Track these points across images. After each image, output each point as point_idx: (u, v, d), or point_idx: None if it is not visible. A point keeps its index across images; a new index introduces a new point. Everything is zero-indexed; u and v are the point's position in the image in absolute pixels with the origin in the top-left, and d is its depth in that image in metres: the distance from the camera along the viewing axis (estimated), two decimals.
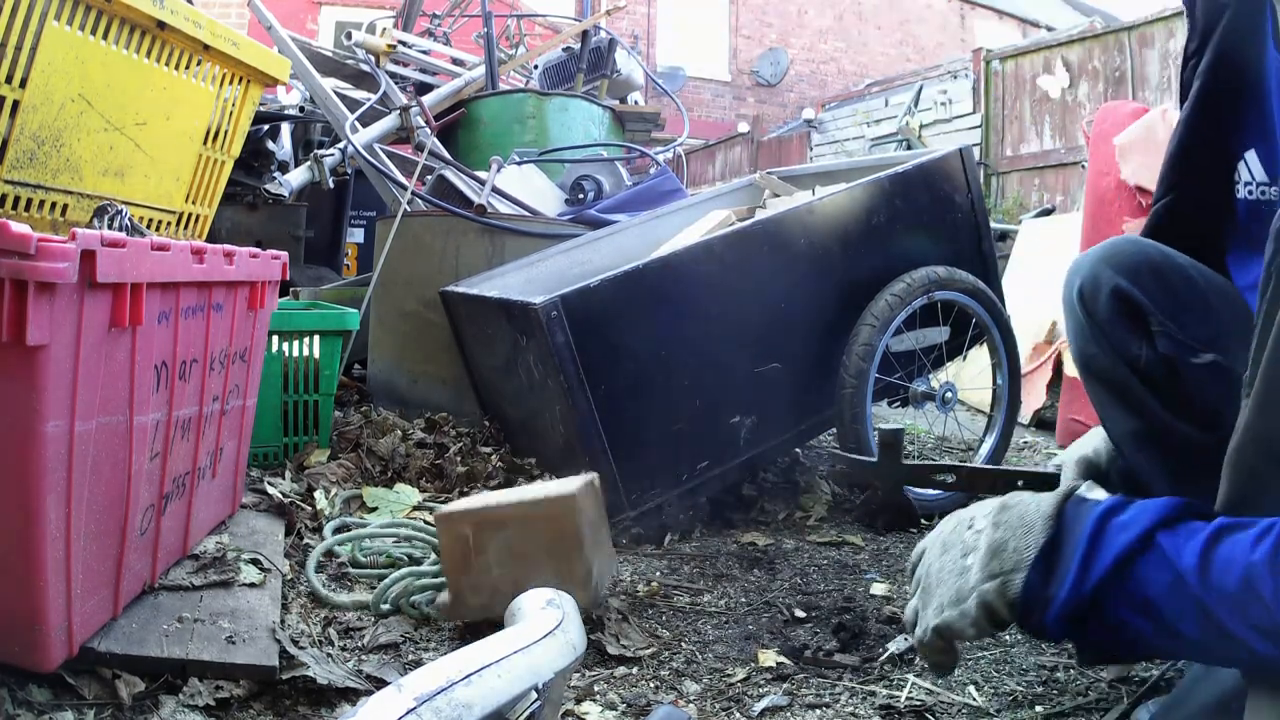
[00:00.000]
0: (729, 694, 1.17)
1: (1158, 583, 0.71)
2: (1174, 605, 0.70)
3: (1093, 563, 0.73)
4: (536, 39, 5.34)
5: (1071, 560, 0.74)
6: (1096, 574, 0.73)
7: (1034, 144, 7.55)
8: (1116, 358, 1.17)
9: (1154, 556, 0.71)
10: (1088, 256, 1.24)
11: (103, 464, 1.00)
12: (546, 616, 0.99)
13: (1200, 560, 0.69)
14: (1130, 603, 0.72)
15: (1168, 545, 0.71)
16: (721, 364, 1.85)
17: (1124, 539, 0.72)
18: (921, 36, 16.97)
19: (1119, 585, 0.72)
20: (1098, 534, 0.74)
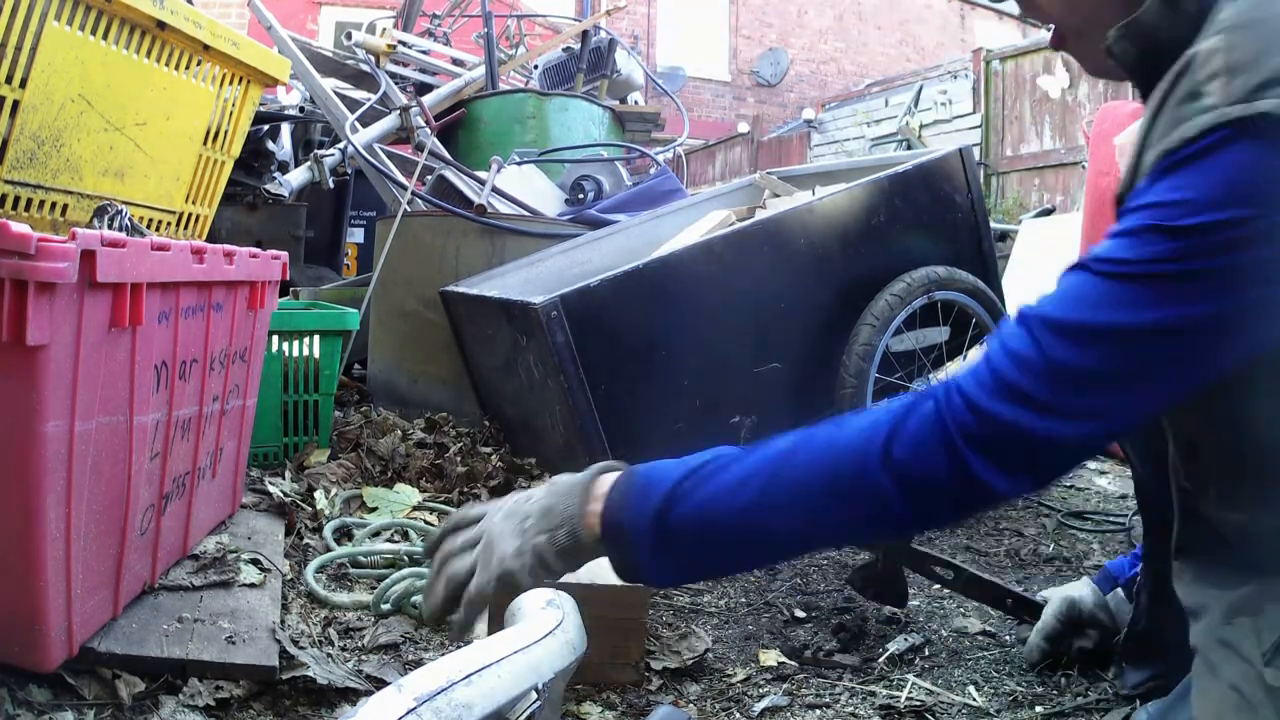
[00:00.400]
0: (729, 694, 1.17)
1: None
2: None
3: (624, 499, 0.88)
4: (536, 39, 5.34)
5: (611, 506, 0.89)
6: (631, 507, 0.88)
7: (1034, 144, 7.55)
8: None
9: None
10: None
11: (103, 464, 1.00)
12: (546, 616, 0.99)
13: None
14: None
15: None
16: (721, 364, 1.85)
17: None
18: (921, 36, 16.97)
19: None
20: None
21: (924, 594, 1.55)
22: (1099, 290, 0.71)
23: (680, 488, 0.87)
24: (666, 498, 0.86)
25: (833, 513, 0.80)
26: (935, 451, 0.73)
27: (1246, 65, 0.67)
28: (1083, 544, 1.90)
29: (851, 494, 0.78)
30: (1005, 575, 1.69)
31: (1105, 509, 2.21)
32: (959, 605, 1.51)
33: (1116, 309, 0.70)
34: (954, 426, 0.72)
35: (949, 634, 1.39)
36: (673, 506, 0.86)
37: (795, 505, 0.81)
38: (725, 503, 0.85)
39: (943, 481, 0.73)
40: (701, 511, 0.86)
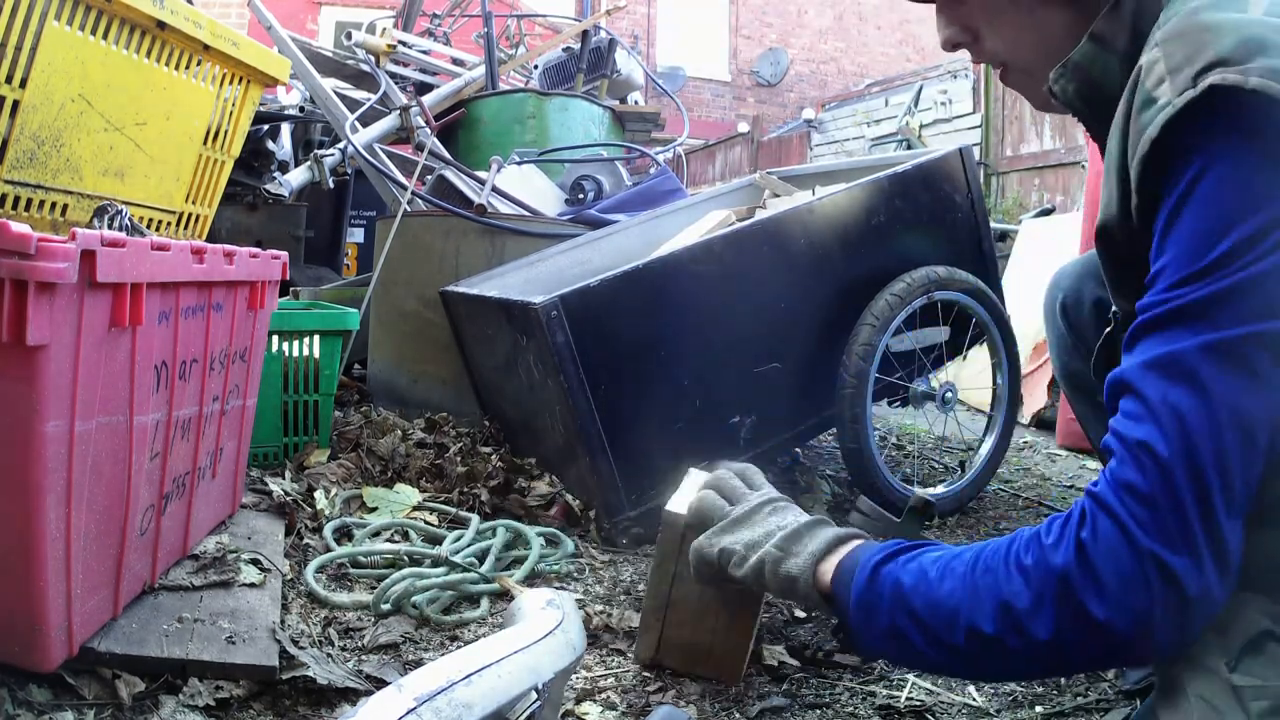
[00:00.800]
0: (729, 694, 1.17)
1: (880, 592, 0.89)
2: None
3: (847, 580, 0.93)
4: (536, 39, 5.34)
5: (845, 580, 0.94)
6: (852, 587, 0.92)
7: (1034, 144, 7.55)
8: (1101, 373, 1.16)
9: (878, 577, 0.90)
10: (1068, 270, 1.25)
11: (103, 464, 1.00)
12: (546, 616, 0.99)
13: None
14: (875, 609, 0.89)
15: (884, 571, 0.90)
16: (721, 364, 1.85)
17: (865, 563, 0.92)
18: (921, 36, 16.97)
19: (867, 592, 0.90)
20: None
21: None
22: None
23: (898, 556, 0.91)
24: (881, 559, 0.91)
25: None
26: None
27: (1185, 62, 0.73)
28: None
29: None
30: None
31: None
32: None
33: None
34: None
35: None
36: (881, 567, 0.90)
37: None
38: (925, 578, 0.87)
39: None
40: (901, 584, 0.89)
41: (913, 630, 0.85)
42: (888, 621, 0.87)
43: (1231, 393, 0.71)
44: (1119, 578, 0.72)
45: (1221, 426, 0.71)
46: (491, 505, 1.82)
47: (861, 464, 1.91)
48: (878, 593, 0.89)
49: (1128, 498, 0.73)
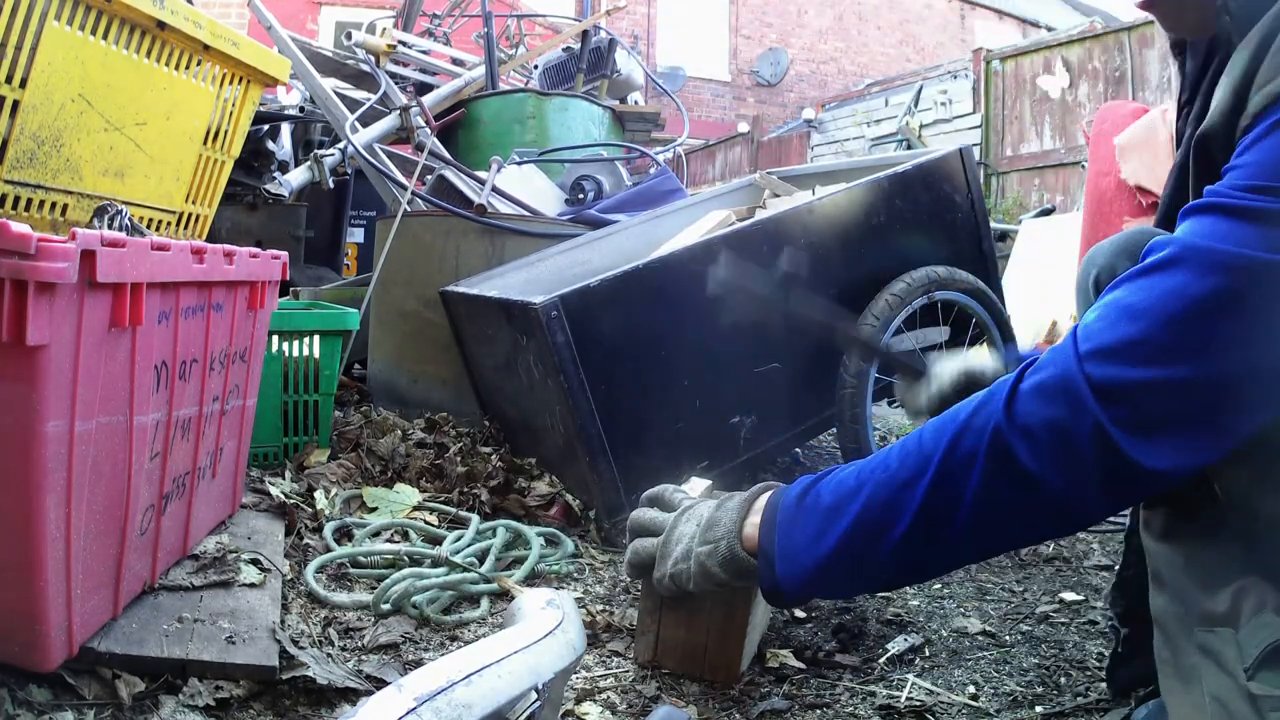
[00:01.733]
0: (729, 694, 1.17)
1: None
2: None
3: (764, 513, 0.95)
4: (536, 39, 5.34)
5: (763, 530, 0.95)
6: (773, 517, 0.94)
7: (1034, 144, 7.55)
8: None
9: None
10: (1104, 247, 1.22)
11: (103, 464, 1.00)
12: (546, 617, 0.99)
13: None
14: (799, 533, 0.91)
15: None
16: (721, 364, 1.85)
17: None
18: (921, 36, 16.98)
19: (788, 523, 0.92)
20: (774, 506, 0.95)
21: (924, 594, 1.55)
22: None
23: (821, 478, 0.91)
24: (806, 485, 0.91)
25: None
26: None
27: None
28: (1083, 544, 1.90)
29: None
30: (1005, 575, 1.69)
31: None
32: (959, 605, 1.51)
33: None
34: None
35: (949, 634, 1.39)
36: (808, 490, 0.90)
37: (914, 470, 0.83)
38: (854, 475, 0.88)
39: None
40: (830, 487, 0.89)
41: (859, 523, 0.83)
42: (829, 535, 0.85)
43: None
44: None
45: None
46: (491, 505, 1.82)
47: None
48: (806, 516, 0.88)
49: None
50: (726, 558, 0.97)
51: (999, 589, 1.61)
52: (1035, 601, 1.55)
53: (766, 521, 0.94)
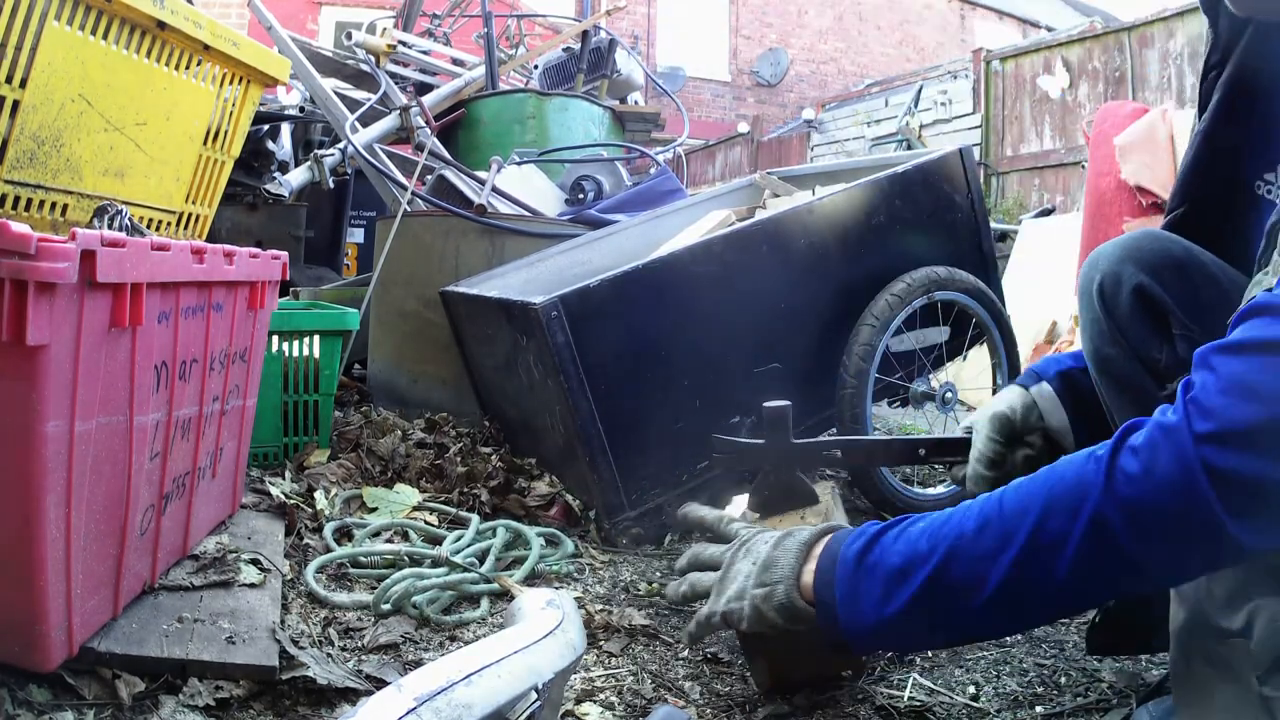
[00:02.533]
0: (730, 697, 1.17)
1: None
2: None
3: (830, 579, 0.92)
4: (536, 39, 5.34)
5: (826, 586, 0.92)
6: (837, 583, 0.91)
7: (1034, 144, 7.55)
8: (1135, 360, 1.14)
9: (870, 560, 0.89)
10: (1107, 251, 1.20)
11: (103, 464, 1.00)
12: (546, 616, 0.99)
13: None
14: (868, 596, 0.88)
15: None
16: (721, 364, 1.85)
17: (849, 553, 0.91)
18: (921, 36, 16.98)
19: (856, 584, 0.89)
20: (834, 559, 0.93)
21: None
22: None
23: (885, 533, 0.89)
24: (869, 539, 0.89)
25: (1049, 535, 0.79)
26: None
27: None
28: None
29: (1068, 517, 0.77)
30: None
31: None
32: None
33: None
34: None
35: None
36: (872, 546, 0.88)
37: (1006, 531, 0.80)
38: (926, 537, 0.86)
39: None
40: (899, 548, 0.87)
41: (931, 589, 0.82)
42: (896, 597, 0.84)
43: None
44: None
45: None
46: (491, 505, 1.82)
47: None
48: (870, 575, 0.87)
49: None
50: (783, 604, 0.94)
51: None
52: None
53: (823, 572, 0.92)
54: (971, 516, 0.83)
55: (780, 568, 0.96)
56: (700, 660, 1.27)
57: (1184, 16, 6.24)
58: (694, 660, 1.27)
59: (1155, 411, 0.77)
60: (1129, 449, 0.76)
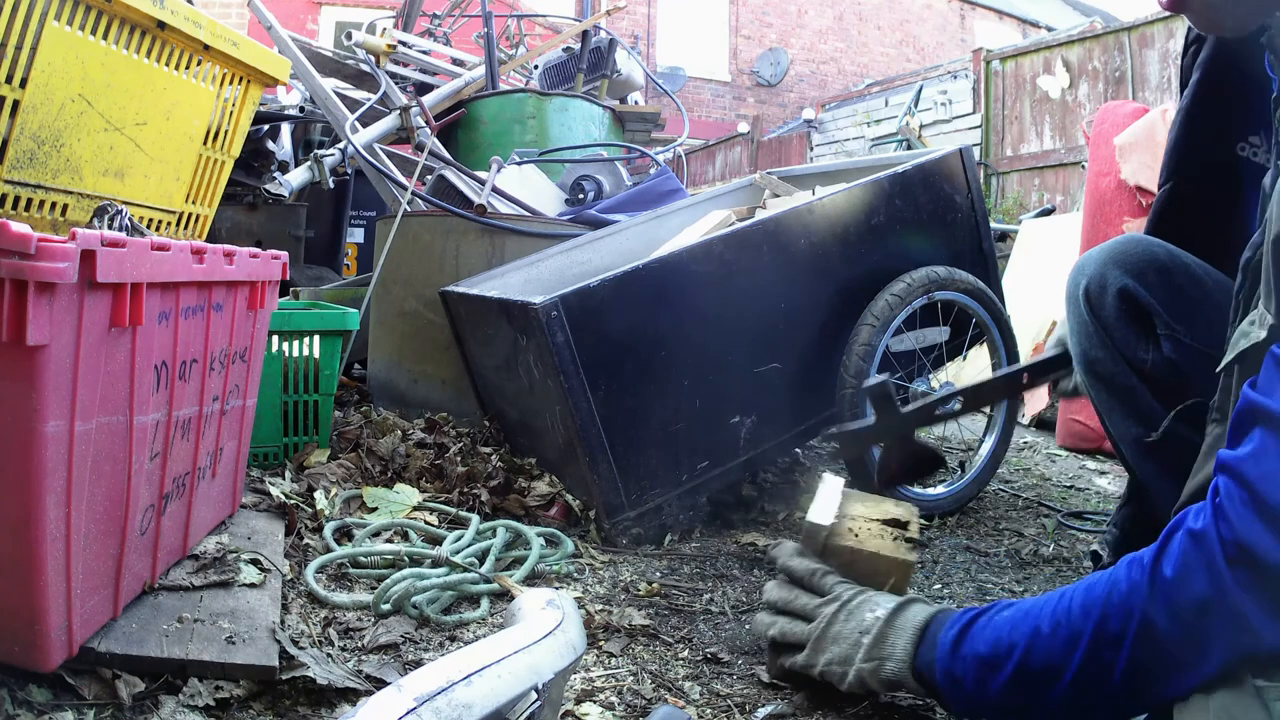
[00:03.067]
0: (730, 696, 1.17)
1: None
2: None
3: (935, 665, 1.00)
4: (536, 39, 5.34)
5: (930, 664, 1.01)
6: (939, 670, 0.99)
7: (1034, 144, 7.55)
8: (1122, 361, 1.15)
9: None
10: (1093, 256, 1.22)
11: (103, 464, 1.00)
12: (547, 617, 0.99)
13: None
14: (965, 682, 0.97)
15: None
16: (721, 364, 1.85)
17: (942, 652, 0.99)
18: (921, 36, 16.98)
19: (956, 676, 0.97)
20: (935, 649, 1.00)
21: (925, 594, 1.55)
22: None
23: (975, 621, 0.98)
24: (962, 628, 0.98)
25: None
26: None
27: None
28: (1083, 544, 1.90)
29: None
30: (1005, 575, 1.69)
31: (1105, 509, 2.21)
32: (959, 606, 1.50)
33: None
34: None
35: None
36: (962, 636, 0.97)
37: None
38: (1009, 629, 0.94)
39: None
40: (986, 632, 0.96)
41: (1021, 674, 0.90)
42: (990, 686, 0.93)
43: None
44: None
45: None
46: (491, 505, 1.82)
47: (862, 464, 1.91)
48: (964, 667, 0.95)
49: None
50: (889, 680, 1.03)
51: (999, 589, 1.61)
52: None
53: (926, 651, 1.01)
54: (1046, 617, 0.91)
55: (891, 646, 1.03)
56: (700, 660, 1.27)
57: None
58: (694, 660, 1.27)
59: (1189, 510, 0.84)
60: (1168, 553, 0.82)
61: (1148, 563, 0.84)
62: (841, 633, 1.08)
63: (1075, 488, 2.44)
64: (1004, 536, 1.94)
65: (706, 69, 15.39)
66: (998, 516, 2.08)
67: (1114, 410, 1.20)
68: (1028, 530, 1.98)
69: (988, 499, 2.22)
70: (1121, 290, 1.15)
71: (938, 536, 1.91)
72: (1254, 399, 0.79)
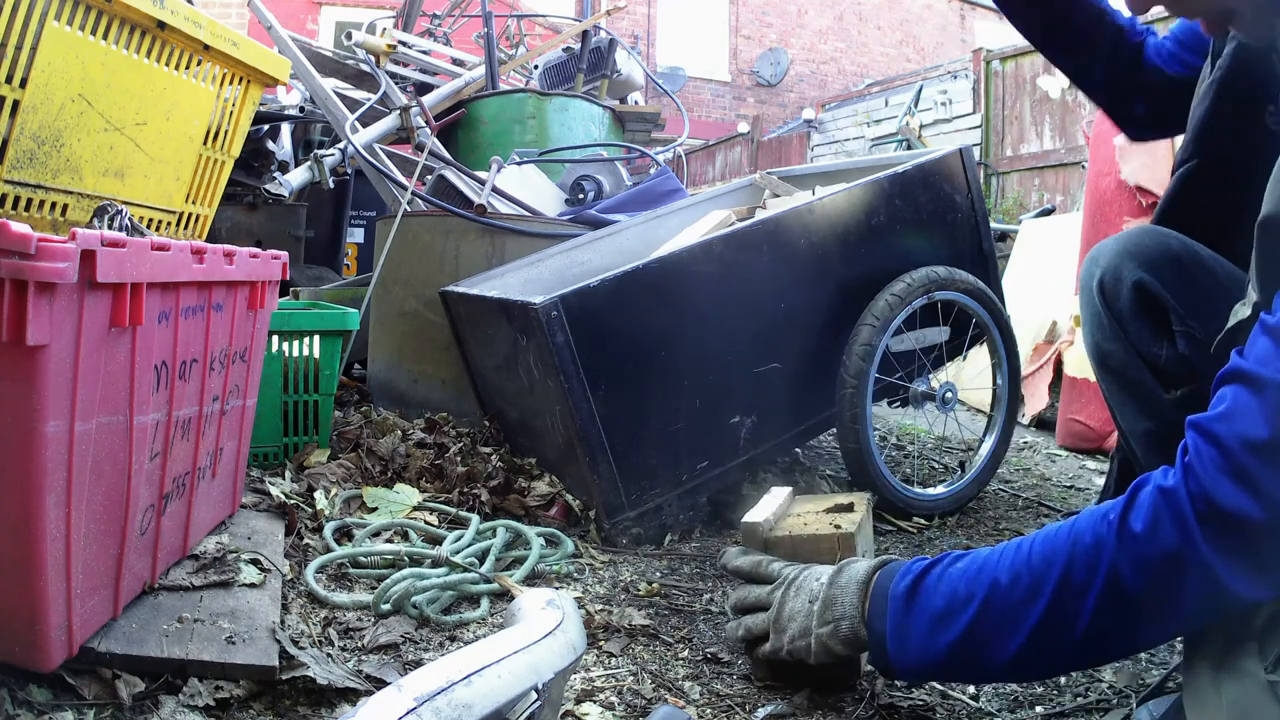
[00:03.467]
0: (731, 696, 1.17)
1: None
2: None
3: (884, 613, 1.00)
4: (536, 39, 5.34)
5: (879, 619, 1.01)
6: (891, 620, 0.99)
7: (1034, 144, 7.55)
8: (1135, 356, 1.15)
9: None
10: (1108, 247, 1.21)
11: (103, 464, 1.00)
12: (546, 617, 0.99)
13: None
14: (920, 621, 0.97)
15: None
16: (721, 364, 1.85)
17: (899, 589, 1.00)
18: (921, 36, 16.98)
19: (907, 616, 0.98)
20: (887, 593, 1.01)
21: None
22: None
23: (928, 572, 0.98)
24: (915, 577, 0.98)
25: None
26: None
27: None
28: None
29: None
30: None
31: None
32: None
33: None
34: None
35: None
36: (917, 585, 0.98)
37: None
38: (964, 582, 0.94)
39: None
40: (942, 589, 0.96)
41: (969, 634, 0.90)
42: (939, 639, 0.93)
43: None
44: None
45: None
46: (491, 505, 1.82)
47: (861, 464, 1.91)
48: (916, 615, 0.95)
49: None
50: (848, 638, 1.03)
51: None
52: None
53: (877, 607, 1.01)
54: (1004, 569, 0.91)
55: (841, 605, 1.04)
56: (700, 660, 1.27)
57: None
58: (694, 660, 1.27)
59: (1156, 471, 0.85)
60: (1136, 508, 0.83)
61: (1114, 518, 0.84)
62: (795, 608, 1.09)
63: (1075, 488, 2.44)
64: (1004, 536, 1.93)
65: (706, 69, 15.39)
66: (998, 516, 2.08)
67: (1125, 404, 1.19)
68: (1027, 530, 1.98)
69: (988, 499, 2.22)
70: (1137, 284, 1.14)
71: (938, 536, 1.91)
72: (1233, 361, 0.81)
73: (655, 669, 1.23)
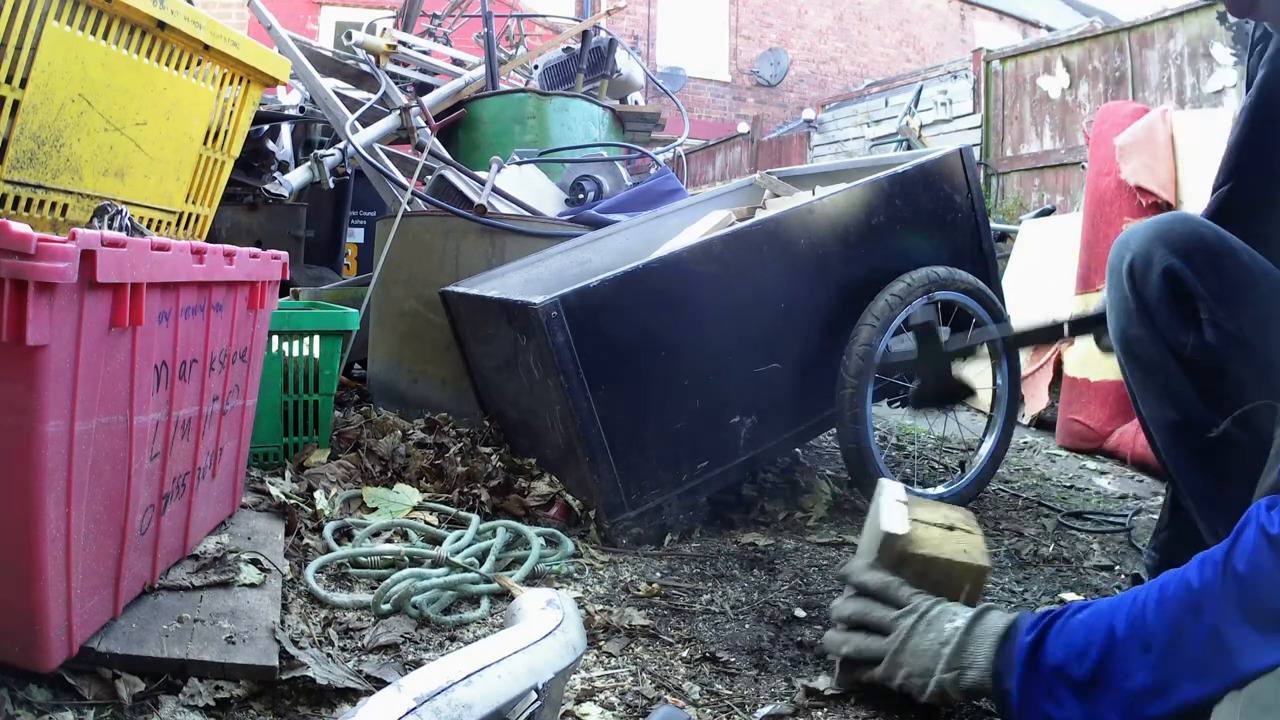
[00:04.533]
0: (731, 697, 1.17)
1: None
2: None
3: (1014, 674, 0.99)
4: (536, 39, 5.34)
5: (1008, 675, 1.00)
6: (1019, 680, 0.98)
7: (1034, 144, 7.55)
8: (1161, 343, 1.13)
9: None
10: (1139, 230, 1.19)
11: (103, 464, 1.00)
12: (546, 617, 0.99)
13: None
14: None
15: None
16: (721, 364, 1.85)
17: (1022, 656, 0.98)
18: (921, 36, 16.98)
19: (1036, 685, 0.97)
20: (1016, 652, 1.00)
21: None
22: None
23: (1051, 625, 0.98)
24: (1039, 633, 0.98)
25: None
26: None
27: None
28: (1082, 544, 1.90)
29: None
30: (1005, 575, 1.69)
31: (1105, 509, 2.21)
32: None
33: None
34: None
35: None
36: (1041, 641, 0.97)
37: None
38: (1087, 625, 0.95)
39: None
40: (1062, 636, 0.96)
41: (1090, 685, 0.90)
42: (1059, 694, 0.93)
43: None
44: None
45: None
46: (491, 505, 1.82)
47: (861, 464, 1.91)
48: (1039, 673, 0.95)
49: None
50: (971, 689, 1.02)
51: (999, 589, 1.61)
52: (1035, 602, 1.55)
53: (1004, 667, 1.00)
54: (1121, 619, 0.91)
55: (973, 656, 1.02)
56: (700, 660, 1.27)
57: (1184, 16, 6.24)
58: (694, 660, 1.27)
59: (1257, 510, 0.85)
60: (1240, 551, 0.84)
61: (1219, 559, 0.84)
62: (921, 645, 1.06)
63: (1075, 488, 2.44)
64: (1004, 536, 1.94)
65: (706, 69, 15.39)
66: (998, 516, 2.08)
67: (1148, 391, 1.18)
68: (1028, 530, 1.98)
69: (988, 499, 2.22)
70: (1167, 270, 1.11)
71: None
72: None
73: (655, 669, 1.23)
